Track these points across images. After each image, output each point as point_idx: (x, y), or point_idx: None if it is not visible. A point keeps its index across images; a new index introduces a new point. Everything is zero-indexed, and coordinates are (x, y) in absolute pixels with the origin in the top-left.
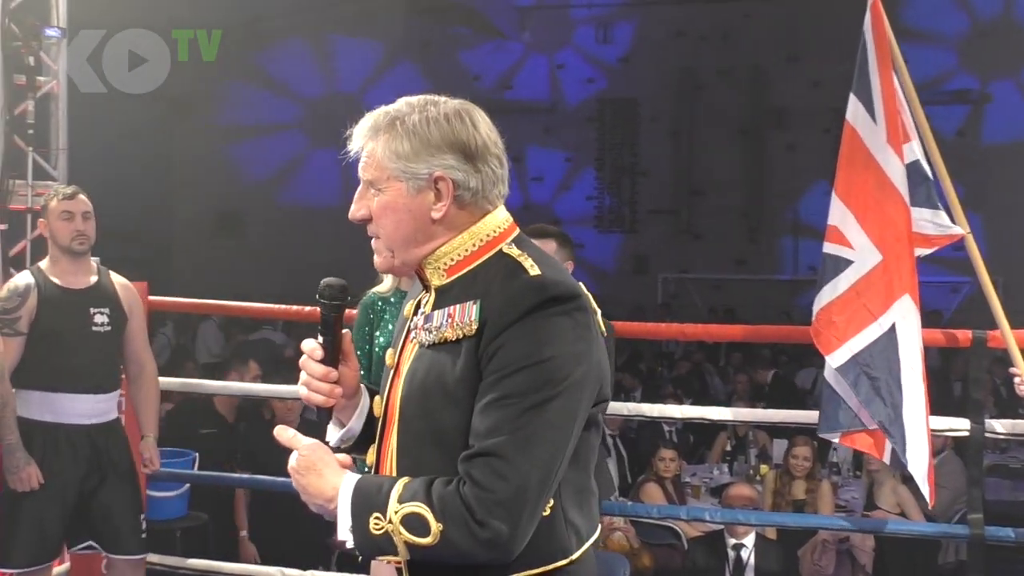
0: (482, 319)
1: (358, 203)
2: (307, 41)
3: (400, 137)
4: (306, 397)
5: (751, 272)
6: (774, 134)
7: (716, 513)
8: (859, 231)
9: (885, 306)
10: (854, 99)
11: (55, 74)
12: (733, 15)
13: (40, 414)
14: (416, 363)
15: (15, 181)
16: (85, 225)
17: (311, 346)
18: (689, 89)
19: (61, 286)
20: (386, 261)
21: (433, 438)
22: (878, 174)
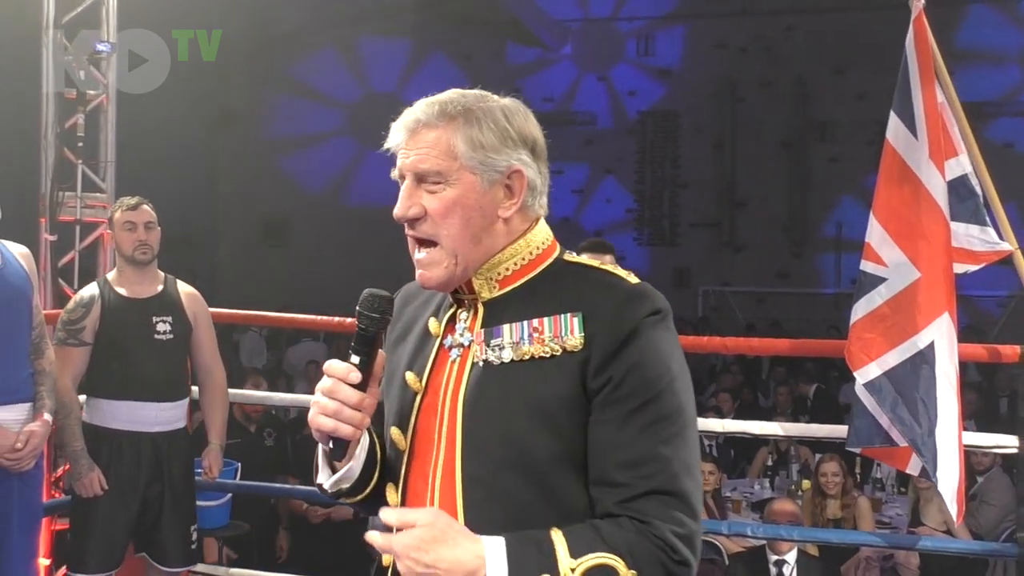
0: (588, 334)
1: (409, 199)
2: (338, 48)
3: (481, 125)
4: (332, 428)
5: (794, 286)
6: (817, 147)
7: (758, 528)
8: (894, 248)
9: (923, 324)
10: (894, 117)
11: (104, 88)
12: (775, 28)
13: (106, 421)
14: (481, 384)
15: (65, 193)
16: (148, 235)
17: (343, 368)
18: (731, 101)
19: (125, 296)
20: (447, 271)
21: (517, 465)
22: (918, 190)
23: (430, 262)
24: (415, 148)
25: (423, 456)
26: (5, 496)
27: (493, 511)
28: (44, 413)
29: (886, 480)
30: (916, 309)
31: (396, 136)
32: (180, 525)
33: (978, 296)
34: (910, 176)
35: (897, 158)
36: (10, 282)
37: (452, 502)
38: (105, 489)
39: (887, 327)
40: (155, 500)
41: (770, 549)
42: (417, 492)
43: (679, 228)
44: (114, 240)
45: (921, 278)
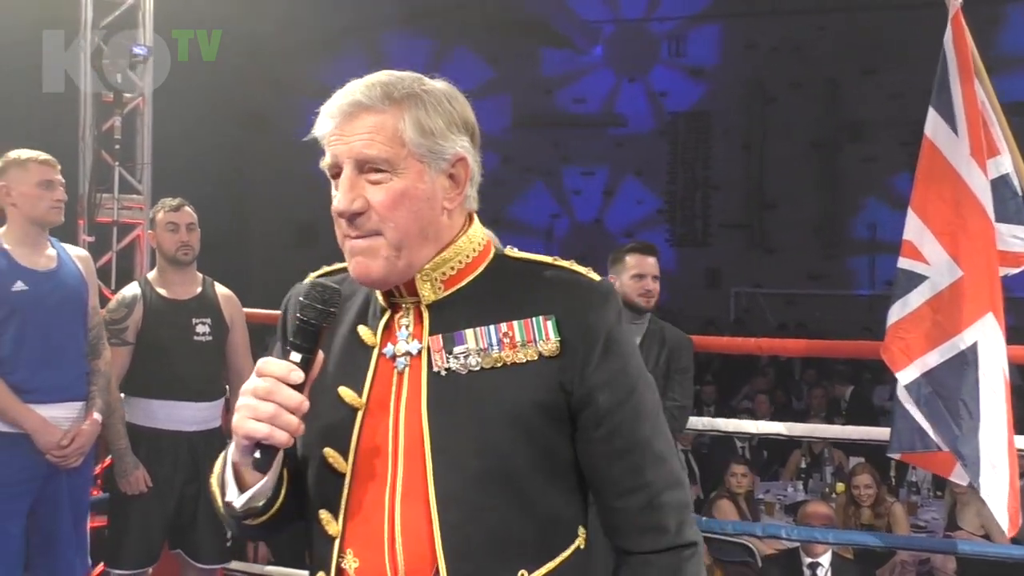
0: (563, 337)
1: (351, 192)
2: (364, 50)
3: (428, 109)
4: (266, 435)
5: (826, 287)
6: (849, 147)
7: (793, 531)
8: (937, 246)
9: (966, 323)
10: (933, 113)
11: (140, 91)
12: (806, 28)
13: (145, 420)
14: (447, 395)
15: (102, 195)
16: (189, 236)
17: (283, 367)
18: (762, 102)
19: (166, 297)
20: (387, 264)
21: (496, 478)
22: (960, 188)
23: (370, 250)
24: (356, 134)
25: (372, 478)
26: (55, 491)
27: (472, 530)
28: (94, 413)
29: (921, 484)
30: (959, 308)
31: (328, 121)
32: (215, 523)
33: None
34: (951, 173)
35: (937, 154)
36: (65, 283)
37: (423, 525)
38: (149, 487)
39: (928, 327)
40: (191, 498)
41: (804, 552)
42: (367, 518)
43: (710, 229)
44: (156, 240)
45: (964, 276)
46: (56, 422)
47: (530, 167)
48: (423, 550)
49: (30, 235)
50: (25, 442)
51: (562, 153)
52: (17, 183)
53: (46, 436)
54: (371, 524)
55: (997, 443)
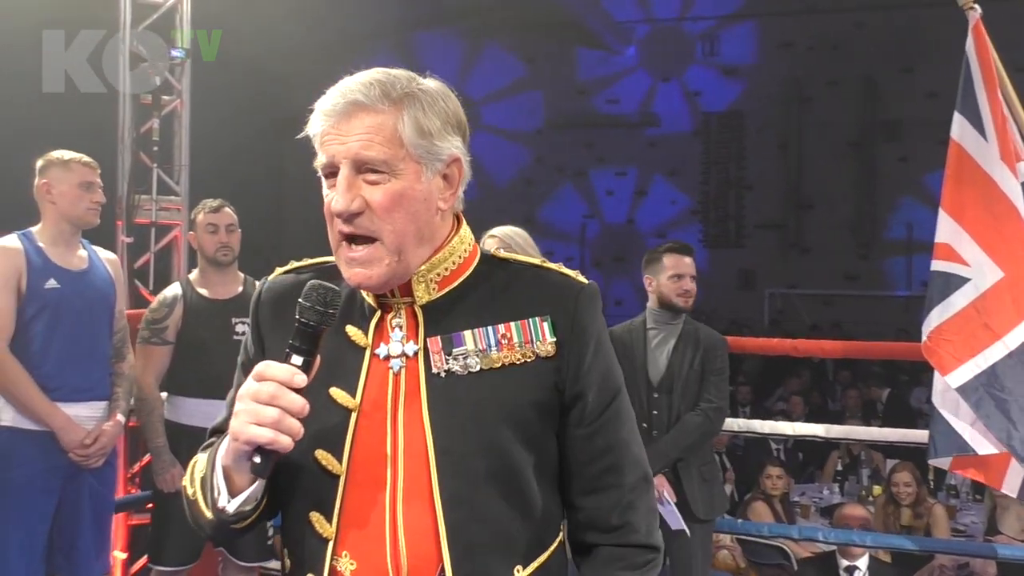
0: (558, 338)
1: (350, 192)
2: (396, 51)
3: (425, 109)
4: (270, 440)
5: (862, 288)
6: (886, 146)
7: (830, 533)
8: (975, 247)
9: (1011, 324)
10: (959, 117)
11: (178, 93)
12: (843, 26)
13: (186, 419)
14: (449, 396)
15: (140, 196)
16: (229, 237)
17: (286, 371)
18: (797, 101)
19: (206, 297)
20: (388, 269)
21: (499, 478)
22: (992, 191)
23: (369, 259)
24: (354, 133)
25: (369, 480)
26: (77, 491)
27: (476, 529)
28: (118, 414)
29: (960, 487)
30: (1003, 309)
31: (324, 119)
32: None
33: None
34: (981, 176)
35: (966, 157)
36: (94, 285)
37: (427, 525)
38: None
39: (975, 328)
40: None
41: (841, 555)
42: (365, 519)
43: (744, 230)
44: (196, 241)
45: (1005, 277)
46: (80, 421)
47: (562, 167)
48: (427, 550)
49: (64, 234)
50: (49, 440)
51: (595, 154)
52: (58, 182)
53: (70, 434)
54: (370, 525)
55: None
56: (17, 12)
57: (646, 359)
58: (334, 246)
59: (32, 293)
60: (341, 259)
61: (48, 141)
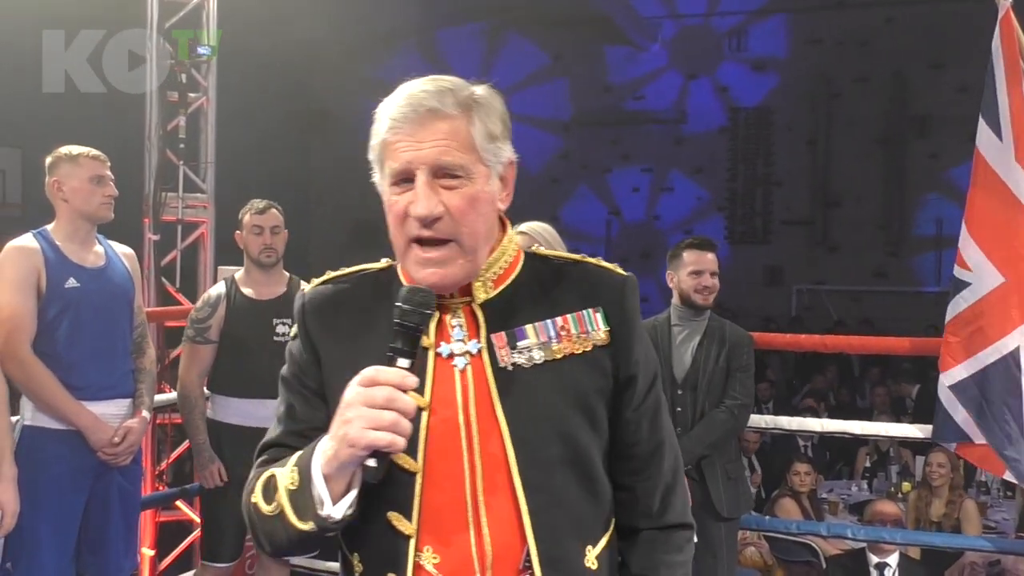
0: (609, 326)
1: (432, 197)
2: (419, 48)
3: (490, 114)
4: (389, 443)
5: (892, 284)
6: (916, 143)
7: (859, 531)
8: (979, 253)
9: (1005, 330)
10: (982, 123)
11: (204, 90)
12: (872, 21)
13: (228, 417)
14: (519, 388)
15: (167, 194)
16: (273, 239)
17: (398, 375)
18: (825, 97)
19: (250, 297)
20: (462, 270)
21: (573, 463)
22: (1004, 195)
23: (445, 260)
24: (430, 140)
25: (446, 475)
26: (105, 488)
27: (557, 515)
28: (143, 410)
29: (991, 484)
30: (1000, 314)
31: (395, 127)
32: None
33: None
34: (994, 180)
35: (983, 163)
36: (112, 280)
37: (509, 514)
38: (225, 481)
39: (971, 331)
40: None
41: (871, 551)
42: (445, 513)
43: (772, 226)
44: (242, 241)
45: (1005, 283)
46: (105, 419)
47: (588, 164)
48: (509, 538)
49: (80, 231)
50: (76, 439)
51: (620, 151)
52: (68, 178)
53: (98, 433)
54: (451, 519)
55: None
56: (17, 12)
57: (671, 355)
58: (401, 248)
59: (52, 293)
60: (411, 260)
61: (75, 140)
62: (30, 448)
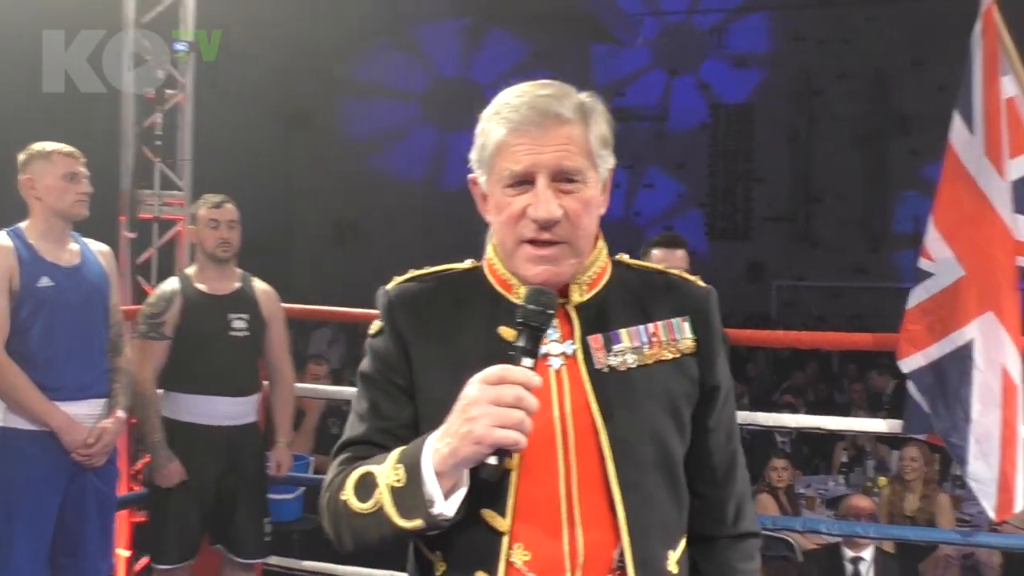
0: (696, 336)
1: (552, 200)
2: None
3: (603, 120)
4: (514, 442)
5: (871, 280)
6: (897, 140)
7: (834, 525)
8: (943, 245)
9: (961, 322)
10: (956, 117)
11: (182, 87)
12: (854, 19)
13: (182, 415)
14: (614, 390)
15: (143, 191)
16: (230, 233)
17: (524, 374)
18: (807, 94)
19: (204, 292)
20: (572, 269)
21: (662, 465)
22: (971, 189)
23: (557, 258)
24: (553, 144)
25: (541, 474)
26: (80, 490)
27: (648, 516)
28: (118, 410)
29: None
30: (958, 307)
31: (514, 130)
32: (254, 517)
33: None
34: (963, 174)
35: (954, 157)
36: (88, 279)
37: (602, 512)
38: (184, 480)
39: (931, 322)
40: (229, 493)
41: (846, 546)
42: (539, 511)
43: (753, 222)
44: (197, 236)
45: (965, 276)
46: (80, 419)
47: None
48: (602, 536)
49: (54, 229)
50: (50, 440)
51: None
52: (42, 176)
53: (72, 435)
54: (544, 516)
55: (989, 436)
56: (17, 12)
57: None
58: (512, 246)
59: (25, 292)
60: (522, 258)
61: (50, 137)
62: (4, 449)
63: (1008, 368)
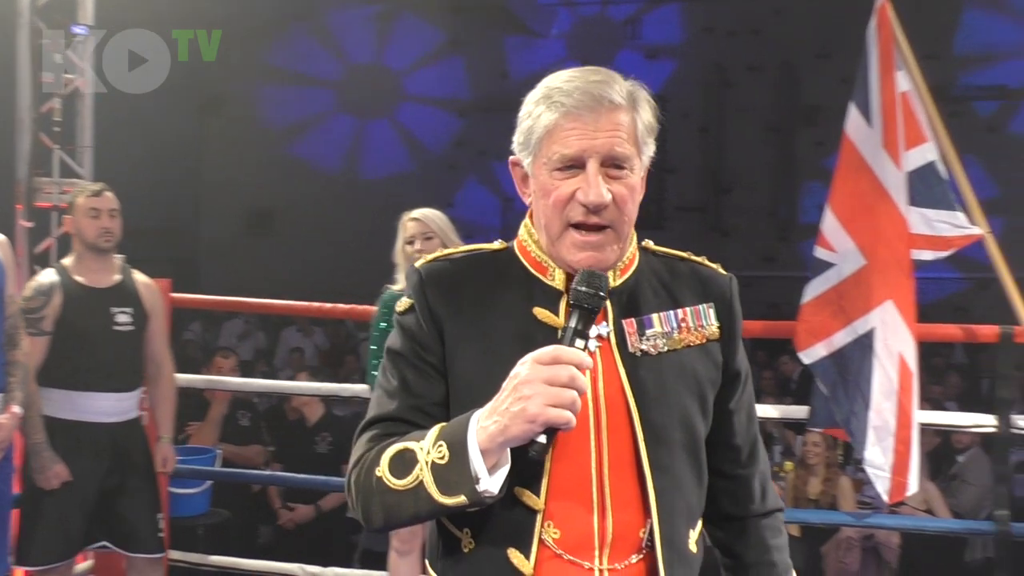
0: (720, 323)
1: (603, 185)
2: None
3: (649, 109)
4: (567, 420)
5: (780, 269)
6: (804, 131)
7: None
8: (844, 236)
9: (863, 311)
10: (852, 108)
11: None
12: (763, 11)
13: (62, 412)
14: (647, 373)
15: (41, 179)
16: (111, 222)
17: (577, 355)
18: (718, 85)
19: (84, 285)
20: (615, 255)
21: (689, 448)
22: (870, 180)
23: (602, 244)
24: (604, 130)
25: (573, 453)
26: None
27: (676, 495)
28: (14, 406)
29: None
30: (859, 296)
31: (568, 114)
32: (143, 513)
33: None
34: (863, 166)
35: (852, 149)
36: None
37: (632, 492)
38: (67, 481)
39: (833, 311)
40: (114, 490)
41: None
42: (571, 490)
43: (666, 212)
44: (75, 226)
45: (866, 266)
46: None
47: (484, 151)
48: (631, 515)
49: None
50: None
51: None
52: None
53: None
54: (576, 495)
55: (886, 423)
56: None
57: None
58: (557, 231)
59: None
60: (567, 243)
61: None
62: None
63: (904, 355)
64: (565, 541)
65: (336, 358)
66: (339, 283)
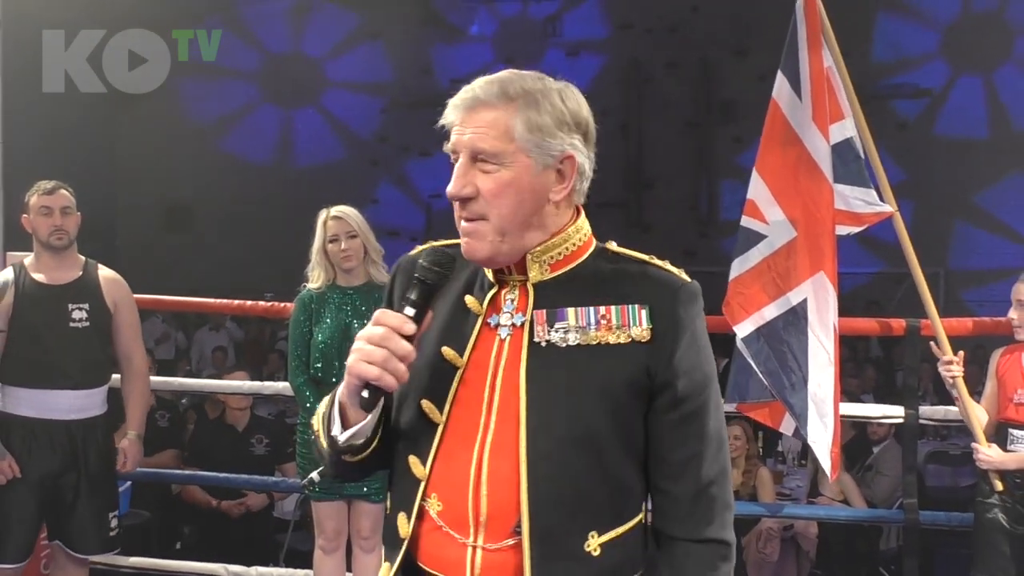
0: (654, 327)
1: (463, 179)
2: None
3: (539, 107)
4: (376, 376)
5: (701, 264)
6: (721, 127)
7: None
8: (775, 207)
9: (796, 281)
10: (780, 76)
11: None
12: (680, 8)
13: (19, 409)
14: (546, 363)
15: None
16: (64, 220)
17: (398, 318)
18: (637, 82)
19: (41, 282)
20: (492, 247)
21: (581, 442)
22: (800, 152)
23: (476, 233)
24: (472, 126)
25: (463, 431)
26: None
27: (556, 486)
28: None
29: (787, 453)
30: (791, 267)
31: (452, 112)
32: (96, 512)
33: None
34: (793, 138)
35: (781, 117)
36: None
37: (509, 477)
38: (18, 476)
39: (764, 283)
40: (70, 488)
41: None
42: (454, 466)
43: (588, 208)
44: (30, 225)
45: (797, 237)
46: None
47: (408, 146)
48: (506, 500)
49: None
50: None
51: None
52: None
53: None
54: (458, 472)
55: (825, 395)
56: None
57: None
58: (456, 223)
59: None
60: (460, 232)
61: None
62: None
63: (836, 326)
64: (446, 514)
65: (260, 356)
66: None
